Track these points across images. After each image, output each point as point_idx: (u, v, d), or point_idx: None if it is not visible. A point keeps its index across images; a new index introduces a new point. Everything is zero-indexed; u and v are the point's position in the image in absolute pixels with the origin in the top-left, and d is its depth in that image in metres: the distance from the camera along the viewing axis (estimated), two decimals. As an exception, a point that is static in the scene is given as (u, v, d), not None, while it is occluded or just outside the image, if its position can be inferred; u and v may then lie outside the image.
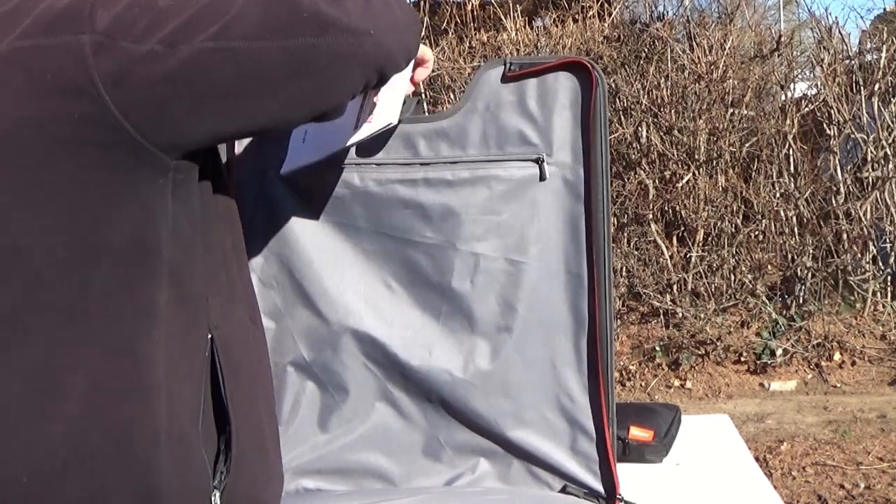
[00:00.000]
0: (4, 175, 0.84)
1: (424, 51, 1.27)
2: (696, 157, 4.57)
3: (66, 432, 0.85)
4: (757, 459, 3.11)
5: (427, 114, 1.54)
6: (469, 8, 5.43)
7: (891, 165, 4.42)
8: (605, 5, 5.43)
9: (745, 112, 4.63)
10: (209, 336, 0.93)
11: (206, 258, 0.93)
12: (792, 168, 4.59)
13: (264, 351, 1.11)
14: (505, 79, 1.49)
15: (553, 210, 1.50)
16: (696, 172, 4.57)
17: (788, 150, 4.57)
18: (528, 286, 1.52)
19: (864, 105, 4.47)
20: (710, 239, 4.62)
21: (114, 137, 0.83)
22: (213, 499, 0.93)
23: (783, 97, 4.76)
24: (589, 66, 1.45)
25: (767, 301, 4.45)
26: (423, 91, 4.97)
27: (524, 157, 1.49)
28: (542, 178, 1.50)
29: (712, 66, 4.57)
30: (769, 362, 4.27)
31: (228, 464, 0.94)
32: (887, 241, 4.46)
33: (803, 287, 4.45)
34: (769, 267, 4.61)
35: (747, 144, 4.65)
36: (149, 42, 0.82)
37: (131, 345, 0.87)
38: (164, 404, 0.88)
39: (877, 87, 4.45)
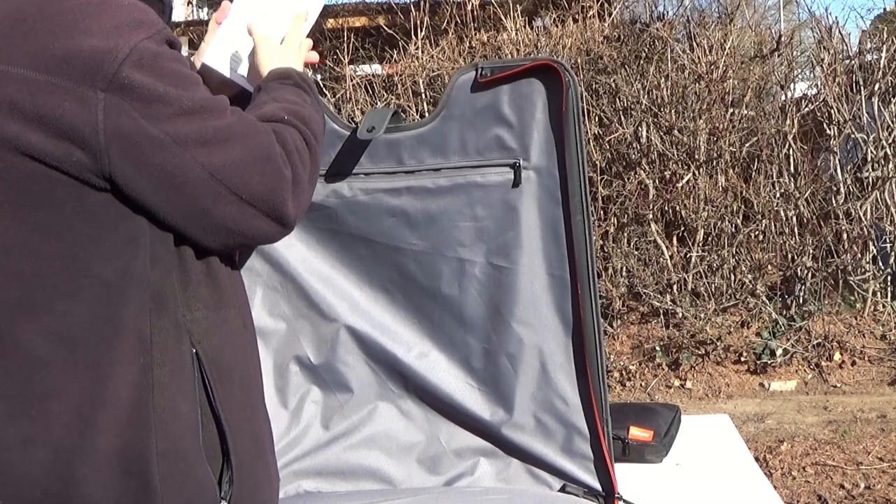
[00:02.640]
0: (6, 200, 0.85)
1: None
2: (697, 157, 4.57)
3: (52, 459, 0.86)
4: (757, 459, 3.11)
5: (405, 122, 1.55)
6: (469, 8, 5.42)
7: (891, 165, 4.42)
8: (605, 5, 5.43)
9: (746, 112, 4.63)
10: (193, 351, 0.95)
11: (183, 276, 0.96)
12: (792, 168, 4.59)
13: (257, 353, 1.12)
14: (477, 85, 1.49)
15: (532, 213, 1.51)
16: (697, 172, 4.57)
17: (788, 150, 4.57)
18: (514, 289, 1.53)
19: (864, 105, 4.46)
20: (710, 239, 4.62)
21: (101, 185, 0.88)
22: None
23: (783, 97, 4.76)
24: (558, 68, 1.44)
25: (767, 301, 4.44)
26: (423, 91, 4.97)
27: (501, 163, 1.50)
28: (517, 183, 1.50)
29: (712, 66, 4.57)
30: (769, 362, 4.27)
31: (231, 473, 0.96)
32: (887, 241, 4.46)
33: (803, 287, 4.45)
34: (769, 267, 4.60)
35: (747, 144, 4.64)
36: (158, 127, 0.87)
37: (118, 371, 0.89)
38: (157, 425, 0.90)
39: (877, 86, 4.45)
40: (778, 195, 4.59)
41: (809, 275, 4.45)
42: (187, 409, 0.93)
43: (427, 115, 4.81)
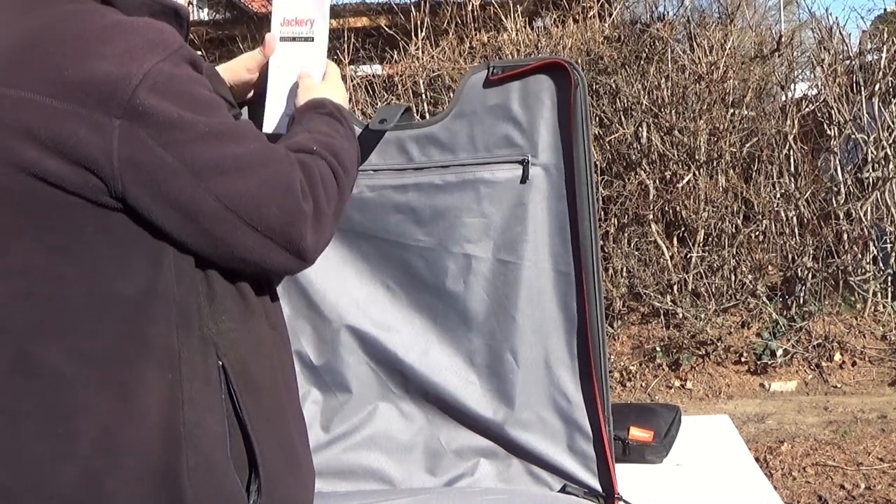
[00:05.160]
0: (29, 224, 0.86)
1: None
2: (697, 157, 4.57)
3: (80, 474, 0.86)
4: (757, 460, 3.11)
5: (417, 120, 1.55)
6: (469, 8, 5.42)
7: (891, 166, 4.42)
8: (606, 6, 5.43)
9: (746, 112, 4.63)
10: (220, 364, 0.95)
11: (209, 289, 0.96)
12: (792, 168, 4.58)
13: (288, 353, 1.12)
14: (489, 83, 1.50)
15: (540, 210, 1.51)
16: (697, 173, 4.57)
17: (789, 150, 4.57)
18: (519, 286, 1.53)
19: (864, 105, 4.46)
20: (710, 239, 4.62)
21: (117, 206, 0.87)
22: None
23: (784, 97, 4.75)
24: (567, 67, 1.45)
25: (768, 301, 4.44)
26: (423, 91, 4.97)
27: (510, 160, 1.50)
28: (525, 179, 1.51)
29: (713, 67, 4.57)
30: (770, 363, 4.27)
31: (259, 482, 0.96)
32: (888, 241, 4.46)
33: (804, 287, 4.45)
34: (769, 267, 4.60)
35: (748, 145, 4.64)
36: (173, 153, 0.86)
37: (146, 388, 0.89)
38: (187, 439, 0.90)
39: (877, 87, 4.45)
40: (778, 195, 4.59)
41: (810, 275, 4.45)
42: (215, 421, 0.93)
43: (428, 115, 4.82)
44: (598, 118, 4.75)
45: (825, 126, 4.56)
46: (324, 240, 1.00)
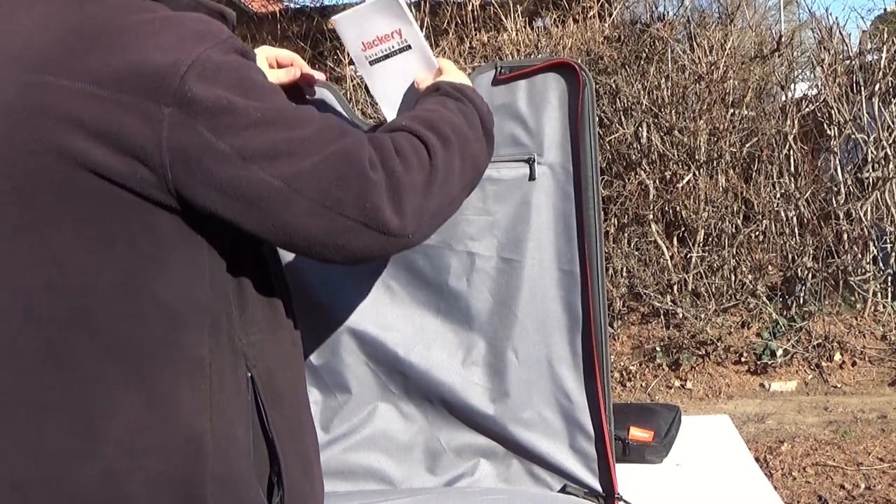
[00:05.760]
0: (71, 213, 0.84)
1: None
2: (697, 157, 4.57)
3: (103, 474, 0.85)
4: (757, 460, 3.11)
5: None
6: (469, 8, 5.42)
7: (891, 166, 4.42)
8: (606, 6, 5.43)
9: (746, 112, 4.63)
10: (248, 375, 0.94)
11: (241, 299, 0.94)
12: (792, 168, 4.58)
13: (303, 365, 1.11)
14: (496, 82, 1.50)
15: (545, 208, 1.51)
16: (697, 173, 4.57)
17: (789, 150, 4.57)
18: (523, 284, 1.53)
19: (864, 105, 4.46)
20: (710, 239, 4.62)
21: (165, 202, 0.86)
22: None
23: (784, 97, 4.75)
24: (576, 67, 1.46)
25: (768, 301, 4.44)
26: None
27: (516, 158, 1.50)
28: (532, 177, 1.51)
29: (713, 67, 4.57)
30: (770, 363, 4.27)
31: (282, 493, 0.95)
32: (888, 241, 4.46)
33: (804, 287, 4.45)
34: (769, 267, 4.60)
35: (748, 145, 4.64)
36: (224, 140, 0.84)
37: (177, 396, 0.88)
38: (212, 450, 0.89)
39: (877, 87, 4.45)
40: (778, 195, 4.59)
41: (810, 275, 4.45)
42: (242, 432, 0.93)
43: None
44: (598, 118, 4.75)
45: (825, 126, 4.56)
46: (411, 212, 0.93)
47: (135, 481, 0.86)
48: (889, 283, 4.49)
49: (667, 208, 4.68)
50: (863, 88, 4.44)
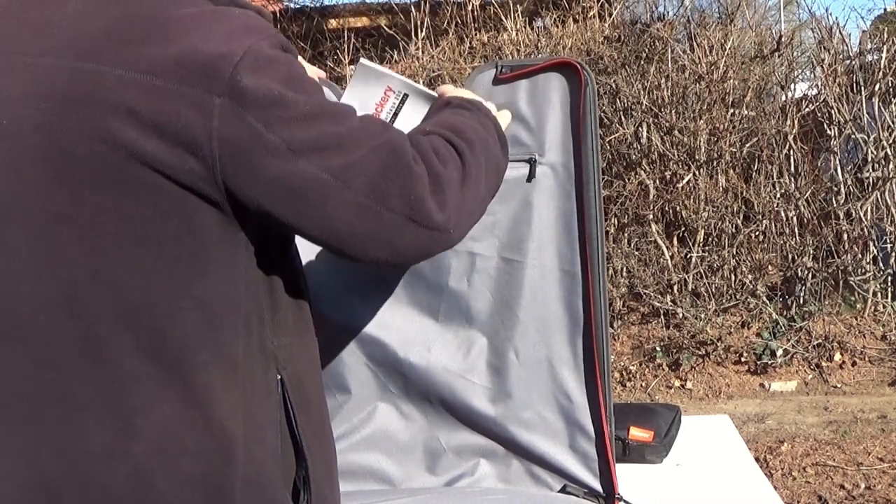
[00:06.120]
0: (118, 205, 0.83)
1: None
2: (697, 157, 4.57)
3: (132, 474, 0.84)
4: (757, 460, 3.11)
5: None
6: (469, 8, 5.42)
7: (891, 166, 4.42)
8: (606, 6, 5.43)
9: (746, 112, 4.63)
10: (279, 377, 0.94)
11: (273, 302, 0.94)
12: (792, 168, 4.59)
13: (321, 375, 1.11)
14: (496, 81, 1.49)
15: (546, 209, 1.51)
16: (697, 173, 4.57)
17: (789, 150, 4.57)
18: (524, 284, 1.53)
19: (864, 105, 4.46)
20: (710, 239, 4.62)
21: (212, 196, 0.85)
22: None
23: (784, 97, 4.75)
24: (578, 66, 1.45)
25: (768, 301, 4.44)
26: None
27: (517, 158, 1.50)
28: (531, 177, 1.50)
29: (713, 67, 4.57)
30: (770, 363, 4.27)
31: (309, 498, 0.95)
32: (888, 241, 4.46)
33: (804, 287, 4.45)
34: (769, 267, 4.60)
35: (748, 145, 4.64)
36: (274, 132, 0.84)
37: (211, 397, 0.87)
38: (243, 452, 0.88)
39: (877, 87, 4.45)
40: (778, 195, 4.59)
41: (810, 275, 4.45)
42: (272, 436, 0.92)
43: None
44: (598, 118, 4.75)
45: (825, 126, 4.56)
46: (451, 207, 0.94)
47: (164, 481, 0.85)
48: (889, 283, 4.49)
49: (667, 208, 4.68)
50: (863, 88, 4.44)
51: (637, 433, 1.83)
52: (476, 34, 5.35)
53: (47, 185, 0.83)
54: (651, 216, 4.58)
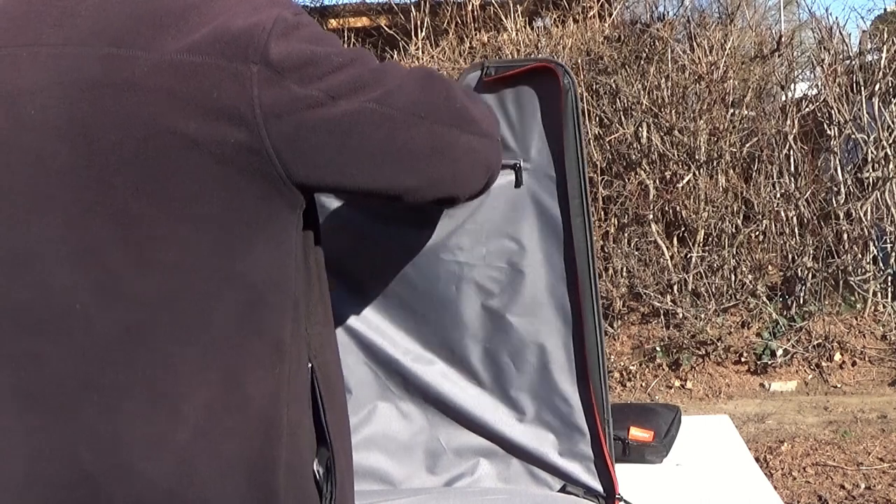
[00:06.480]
0: (156, 188, 0.82)
1: None
2: (697, 157, 4.57)
3: (176, 459, 0.83)
4: (757, 460, 3.11)
5: None
6: (469, 8, 5.43)
7: (891, 166, 4.42)
8: (606, 6, 5.43)
9: (746, 112, 4.63)
10: (310, 365, 0.93)
11: (308, 288, 0.94)
12: (792, 168, 4.59)
13: None
14: (482, 85, 1.48)
15: (532, 214, 1.50)
16: (697, 173, 4.57)
17: (789, 150, 4.57)
18: (514, 291, 1.52)
19: (864, 105, 4.47)
20: (710, 239, 4.62)
21: (261, 169, 0.84)
22: None
23: (784, 97, 4.76)
24: (557, 70, 1.43)
25: (768, 301, 4.45)
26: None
27: (503, 164, 1.49)
28: (518, 184, 1.49)
29: (713, 67, 4.57)
30: (770, 363, 4.27)
31: (333, 489, 0.94)
32: (888, 241, 4.46)
33: (804, 287, 4.45)
34: (769, 267, 4.60)
35: (748, 145, 4.65)
36: (312, 87, 0.84)
37: (254, 378, 0.86)
38: (287, 437, 0.87)
39: (877, 87, 4.45)
40: (778, 195, 4.59)
41: (810, 275, 4.45)
42: (308, 423, 0.92)
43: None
44: (598, 118, 4.75)
45: (825, 126, 4.57)
46: (485, 111, 0.98)
47: (208, 468, 0.83)
48: (889, 283, 4.49)
49: (667, 208, 4.68)
50: (863, 88, 4.44)
51: (637, 433, 1.83)
52: (476, 34, 5.36)
53: (77, 173, 0.82)
54: (651, 216, 4.58)
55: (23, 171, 0.83)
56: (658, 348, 4.43)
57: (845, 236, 4.47)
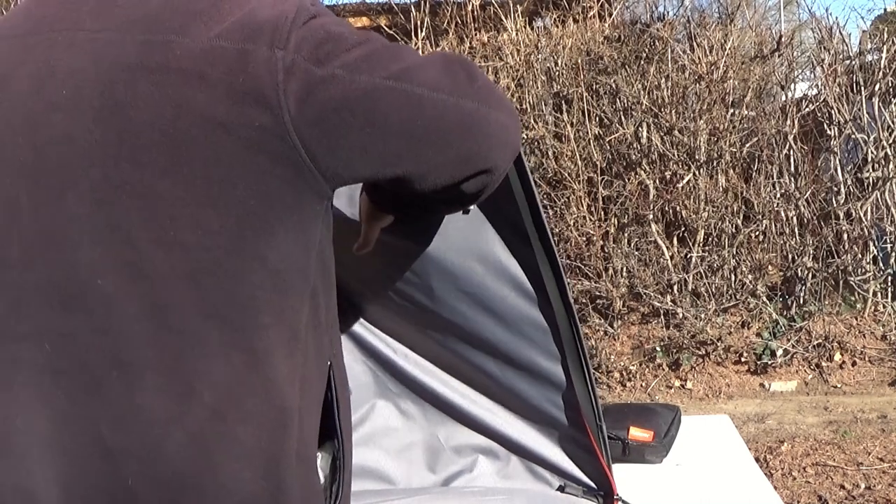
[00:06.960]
0: (183, 168, 0.83)
1: None
2: (697, 157, 4.57)
3: (190, 440, 0.83)
4: (757, 460, 3.11)
5: None
6: (469, 8, 5.42)
7: (891, 166, 4.42)
8: (606, 5, 5.43)
9: (746, 112, 4.63)
10: (328, 363, 0.94)
11: (325, 283, 0.94)
12: (792, 168, 4.58)
13: None
14: None
15: (487, 238, 1.46)
16: (697, 173, 4.57)
17: (789, 150, 4.57)
18: (489, 311, 1.50)
19: (864, 105, 4.46)
20: (710, 239, 4.62)
21: (286, 153, 0.85)
22: None
23: (784, 97, 4.75)
24: None
25: (768, 301, 4.44)
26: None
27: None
28: (465, 210, 1.47)
29: (713, 67, 4.57)
30: (770, 363, 4.27)
31: (340, 486, 0.95)
32: (888, 241, 4.46)
33: (804, 287, 4.45)
34: (770, 267, 4.60)
35: (748, 145, 4.64)
36: (330, 66, 0.86)
37: (273, 362, 0.86)
38: (297, 427, 0.88)
39: (877, 87, 4.45)
40: (778, 195, 4.59)
41: (810, 275, 4.45)
42: (316, 418, 0.92)
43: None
44: (598, 118, 4.75)
45: (825, 126, 4.56)
46: (502, 93, 0.98)
47: (223, 449, 0.84)
48: (889, 283, 4.49)
49: (667, 208, 4.68)
50: (863, 88, 4.44)
51: (637, 433, 1.83)
52: (476, 34, 5.35)
53: (107, 152, 0.83)
54: (651, 216, 4.58)
55: (51, 150, 0.85)
56: (658, 348, 4.42)
57: (845, 236, 4.47)
